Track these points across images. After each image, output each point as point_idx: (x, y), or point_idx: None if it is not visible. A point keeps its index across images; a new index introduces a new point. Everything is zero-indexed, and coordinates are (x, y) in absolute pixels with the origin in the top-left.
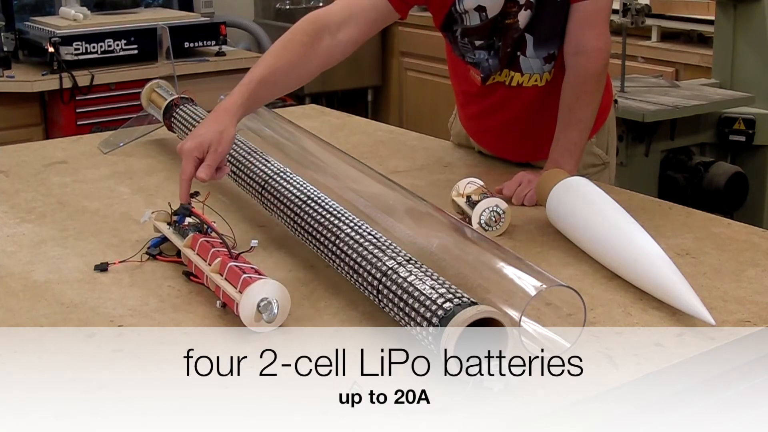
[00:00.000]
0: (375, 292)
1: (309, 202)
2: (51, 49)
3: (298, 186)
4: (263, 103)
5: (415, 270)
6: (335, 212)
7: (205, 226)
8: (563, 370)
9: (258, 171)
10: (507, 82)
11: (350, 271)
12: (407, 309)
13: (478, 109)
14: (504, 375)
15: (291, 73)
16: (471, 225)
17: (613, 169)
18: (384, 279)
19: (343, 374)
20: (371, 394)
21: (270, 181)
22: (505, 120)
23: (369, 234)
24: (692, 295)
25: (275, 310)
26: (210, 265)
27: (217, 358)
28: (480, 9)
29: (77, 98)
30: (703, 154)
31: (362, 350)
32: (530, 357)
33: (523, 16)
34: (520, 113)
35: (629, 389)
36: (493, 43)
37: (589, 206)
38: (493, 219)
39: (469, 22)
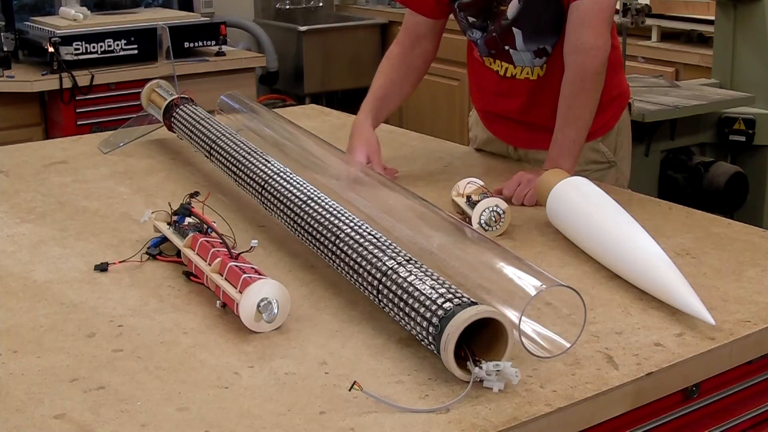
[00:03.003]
0: (375, 292)
1: (309, 202)
2: (51, 49)
3: (298, 186)
4: (387, 114)
5: (415, 270)
6: (335, 212)
7: (205, 226)
8: (563, 370)
9: (258, 171)
10: (501, 72)
11: (350, 271)
12: (407, 309)
13: (481, 91)
14: (503, 375)
15: (396, 89)
16: (471, 225)
17: (624, 172)
18: (384, 279)
19: (344, 374)
20: (370, 393)
21: (270, 181)
22: (502, 107)
23: (369, 234)
24: (692, 295)
25: (275, 310)
26: (210, 265)
27: (218, 358)
28: None
29: (77, 98)
30: (703, 154)
31: (362, 350)
32: (530, 357)
33: (513, 6)
34: (514, 103)
35: (629, 389)
36: (486, 26)
37: (589, 206)
38: (493, 219)
39: None
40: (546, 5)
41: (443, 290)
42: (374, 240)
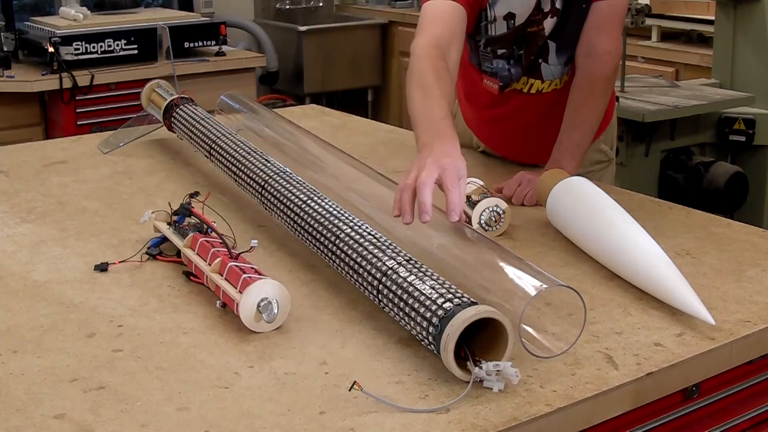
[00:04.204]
0: (375, 292)
1: (309, 202)
2: (51, 49)
3: (298, 186)
4: None
5: (415, 270)
6: (335, 212)
7: (205, 226)
8: (563, 370)
9: (258, 171)
10: (525, 89)
11: (350, 271)
12: (407, 309)
13: (492, 116)
14: (503, 375)
15: (453, 98)
16: (471, 225)
17: (614, 165)
18: (384, 279)
19: (344, 374)
20: (370, 393)
21: (270, 181)
22: (520, 126)
23: (369, 234)
24: (692, 295)
25: (275, 310)
26: (210, 265)
27: (218, 358)
28: (509, 17)
29: (77, 98)
30: (703, 154)
31: (362, 350)
32: (530, 357)
33: (549, 24)
34: (537, 119)
35: (629, 389)
36: (513, 52)
37: (588, 206)
38: (493, 219)
39: (495, 31)
40: (580, 15)
41: (443, 290)
42: (374, 240)
